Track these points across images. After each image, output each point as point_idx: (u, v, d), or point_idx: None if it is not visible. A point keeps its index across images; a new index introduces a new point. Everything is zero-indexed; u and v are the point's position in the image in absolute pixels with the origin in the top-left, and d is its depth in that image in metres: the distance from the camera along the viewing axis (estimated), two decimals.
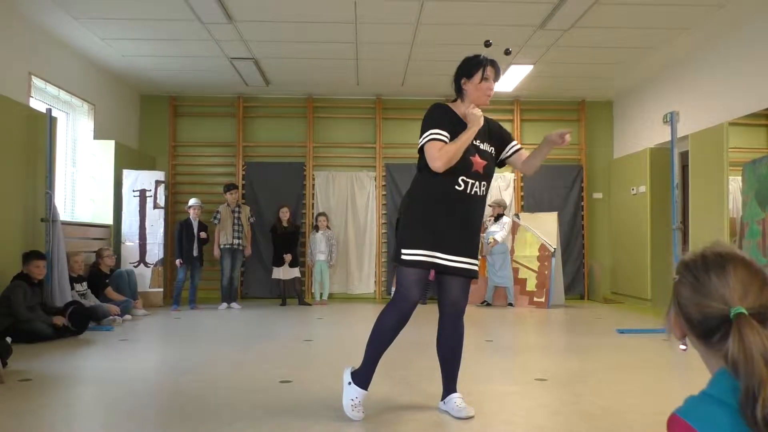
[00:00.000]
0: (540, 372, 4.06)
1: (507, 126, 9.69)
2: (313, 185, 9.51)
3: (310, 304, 8.48)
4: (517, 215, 8.83)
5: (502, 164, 3.21)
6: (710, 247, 1.13)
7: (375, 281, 9.44)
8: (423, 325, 6.46)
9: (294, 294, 8.60)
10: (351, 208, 9.50)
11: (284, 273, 8.47)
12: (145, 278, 7.96)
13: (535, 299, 8.22)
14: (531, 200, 9.50)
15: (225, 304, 8.05)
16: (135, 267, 7.91)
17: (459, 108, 3.05)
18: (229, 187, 8.37)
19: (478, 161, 2.94)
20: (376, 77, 8.59)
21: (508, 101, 9.61)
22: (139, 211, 8.09)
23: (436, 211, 2.93)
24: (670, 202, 6.22)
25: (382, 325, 3.01)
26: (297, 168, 9.50)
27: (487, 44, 3.16)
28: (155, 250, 8.09)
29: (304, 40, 7.08)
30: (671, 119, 6.04)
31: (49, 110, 6.25)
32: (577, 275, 9.49)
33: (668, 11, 6.15)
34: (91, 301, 6.54)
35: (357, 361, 3.14)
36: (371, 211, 9.48)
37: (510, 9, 6.12)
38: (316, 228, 8.80)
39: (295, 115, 9.62)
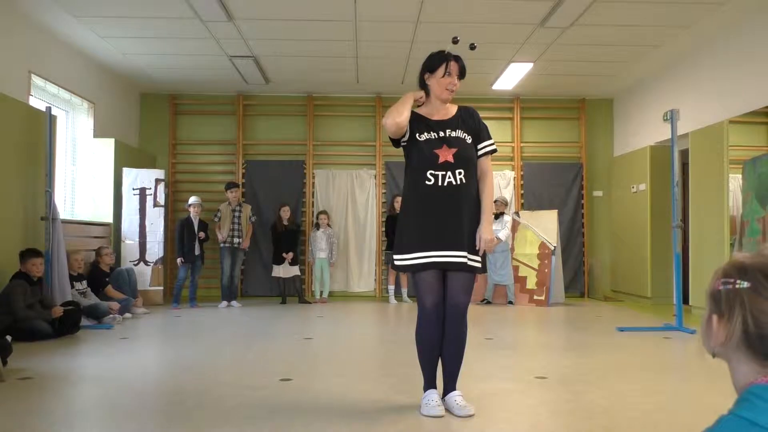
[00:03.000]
0: (540, 370, 4.06)
1: (506, 124, 9.72)
2: (314, 183, 9.51)
3: (310, 302, 8.48)
4: (517, 213, 8.83)
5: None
6: None
7: (375, 279, 9.44)
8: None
9: (294, 292, 8.60)
10: (351, 206, 9.50)
11: (284, 271, 8.47)
12: (145, 276, 7.97)
13: (535, 297, 8.22)
14: (531, 198, 9.50)
15: (225, 303, 8.05)
16: (135, 265, 7.91)
17: (426, 107, 3.12)
18: (230, 186, 8.37)
19: (445, 152, 2.93)
20: (376, 75, 8.58)
21: (509, 99, 9.60)
22: (139, 209, 8.08)
23: (415, 210, 2.96)
24: (671, 200, 6.21)
25: (418, 336, 3.06)
26: (297, 166, 9.50)
27: (455, 40, 3.17)
28: (155, 249, 8.09)
29: (303, 38, 7.08)
30: (671, 117, 6.04)
31: (49, 108, 6.24)
32: (577, 273, 9.49)
33: (668, 9, 6.14)
34: (91, 299, 6.54)
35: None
36: (371, 210, 9.48)
37: (510, 7, 6.11)
38: (317, 226, 8.80)
39: (295, 113, 9.62)
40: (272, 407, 3.11)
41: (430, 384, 3.07)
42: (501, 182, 9.51)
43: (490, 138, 3.13)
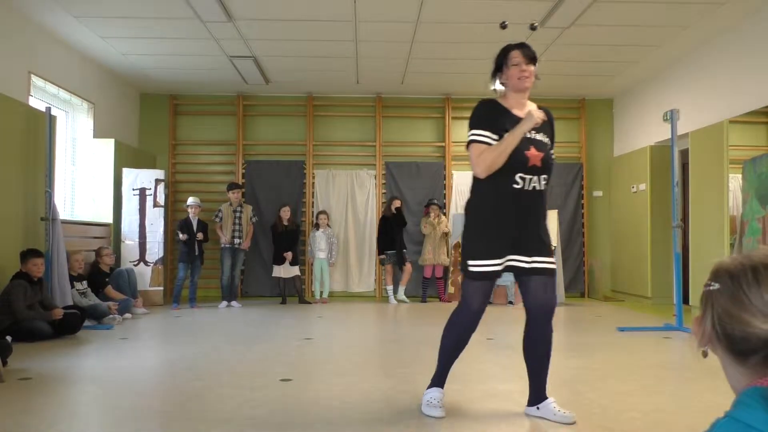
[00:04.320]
0: None
1: None
2: (313, 183, 9.50)
3: (310, 303, 8.48)
4: None
5: None
6: (759, 257, 1.00)
7: (375, 279, 9.44)
8: (424, 323, 6.48)
9: (294, 292, 8.60)
10: (351, 206, 9.50)
11: (285, 271, 8.47)
12: (145, 277, 7.97)
13: None
14: None
15: (225, 303, 8.05)
16: (135, 266, 7.91)
17: (506, 101, 2.93)
18: (232, 186, 8.37)
19: (534, 154, 2.76)
20: (375, 75, 8.58)
21: None
22: (139, 209, 8.08)
23: (497, 214, 2.80)
24: (671, 199, 6.21)
25: (452, 332, 2.98)
26: (297, 166, 9.50)
27: (503, 26, 3.09)
28: (155, 249, 8.09)
29: (303, 39, 7.08)
30: (671, 117, 6.04)
31: (49, 109, 6.24)
32: (578, 273, 9.49)
33: (668, 9, 6.14)
34: (91, 299, 6.54)
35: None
36: (371, 210, 9.48)
37: (510, 6, 6.11)
38: (317, 226, 8.80)
39: (295, 114, 9.62)
40: (272, 407, 3.11)
41: (439, 381, 3.04)
42: None
43: (553, 147, 3.00)
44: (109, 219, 7.96)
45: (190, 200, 8.23)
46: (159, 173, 8.34)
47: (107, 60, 7.92)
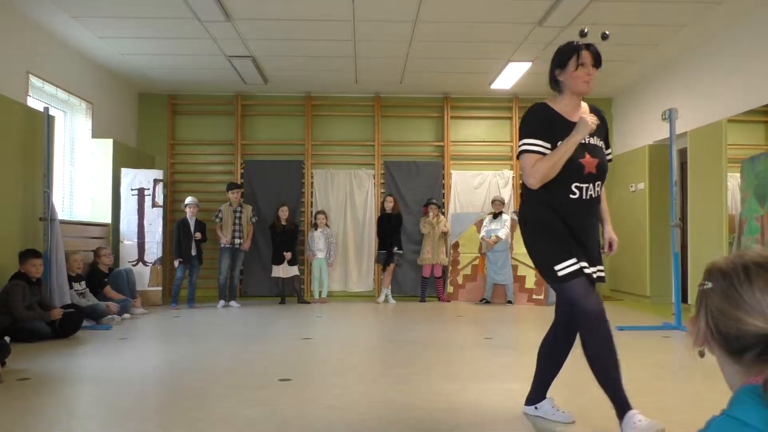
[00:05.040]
0: None
1: (505, 124, 9.72)
2: (312, 183, 9.50)
3: (309, 303, 8.48)
4: (515, 212, 8.83)
5: None
6: (752, 256, 1.02)
7: (374, 279, 9.44)
8: (423, 323, 6.48)
9: (293, 292, 8.60)
10: (350, 206, 9.50)
11: (284, 271, 8.47)
12: (143, 277, 7.96)
13: (534, 297, 8.22)
14: None
15: (223, 303, 8.05)
16: (134, 266, 7.90)
17: (560, 104, 2.77)
18: (232, 186, 8.36)
19: (589, 161, 2.64)
20: (374, 75, 8.58)
21: (507, 99, 9.60)
22: (138, 209, 8.08)
23: (554, 223, 2.66)
24: (669, 199, 6.21)
25: (596, 354, 2.65)
26: (296, 166, 9.49)
27: (583, 34, 2.94)
28: (154, 249, 8.08)
29: (302, 38, 7.07)
30: (670, 116, 6.04)
31: (47, 109, 6.24)
32: None
33: (666, 8, 6.15)
34: (90, 300, 6.54)
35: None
36: (370, 209, 9.48)
37: (508, 6, 6.11)
38: (315, 226, 8.80)
39: (294, 113, 9.61)
40: (271, 408, 3.11)
41: (623, 407, 2.62)
42: (499, 182, 9.52)
43: (610, 146, 2.87)
44: (107, 219, 7.95)
45: (188, 200, 8.22)
46: (157, 173, 8.33)
47: (105, 60, 7.91)
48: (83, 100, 7.78)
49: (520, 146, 2.72)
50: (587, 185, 2.65)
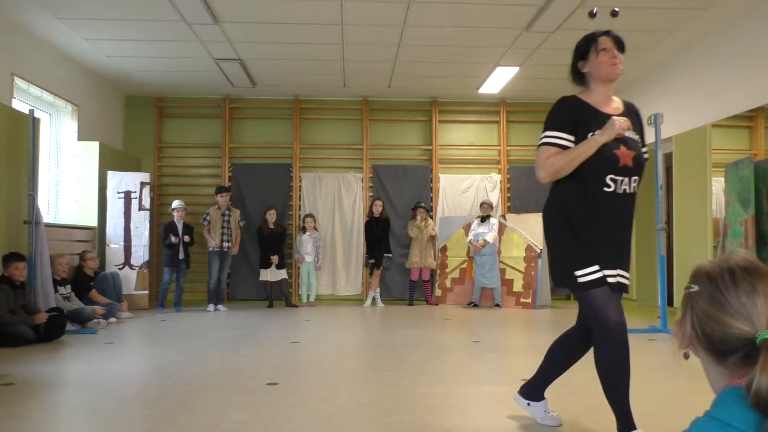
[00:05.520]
0: (526, 372, 4.06)
1: (493, 128, 9.77)
2: (300, 186, 9.49)
3: (297, 306, 8.46)
4: (503, 216, 8.87)
5: None
6: (737, 260, 1.03)
7: (362, 283, 9.43)
8: (411, 327, 6.48)
9: (281, 296, 8.57)
10: (338, 209, 9.49)
11: (271, 275, 8.44)
12: (130, 280, 7.90)
13: (522, 300, 8.26)
14: (517, 201, 9.55)
15: (212, 306, 8.00)
16: (120, 269, 7.85)
17: (590, 96, 2.61)
18: (221, 190, 8.33)
19: (624, 153, 2.46)
20: (362, 78, 8.59)
21: (495, 103, 9.65)
22: (124, 212, 8.02)
23: (585, 220, 2.49)
24: (655, 203, 6.27)
25: (607, 368, 2.50)
26: (284, 169, 9.47)
27: (592, 14, 2.83)
28: (140, 252, 8.03)
29: (290, 41, 7.07)
30: (655, 121, 6.10)
31: (32, 111, 6.18)
32: None
33: (653, 14, 6.21)
34: (75, 303, 6.48)
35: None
36: (358, 213, 9.48)
37: (496, 11, 6.15)
38: (303, 229, 8.78)
39: (282, 117, 9.60)
40: (259, 412, 3.10)
41: (630, 424, 2.48)
42: (487, 185, 9.56)
43: (645, 144, 2.67)
44: (93, 222, 7.88)
45: (175, 203, 8.17)
46: (144, 176, 8.28)
47: (92, 62, 7.86)
48: (69, 103, 7.72)
49: (540, 137, 2.57)
50: (623, 179, 2.46)
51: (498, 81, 8.52)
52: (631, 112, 2.64)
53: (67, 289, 6.53)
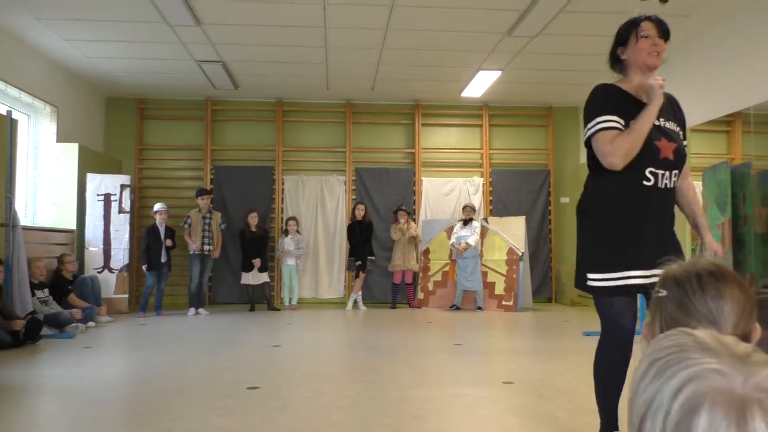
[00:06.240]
0: (507, 375, 4.09)
1: (475, 131, 9.81)
2: (283, 189, 9.45)
3: (279, 310, 8.42)
4: (485, 219, 8.91)
5: None
6: (704, 265, 1.03)
7: (345, 286, 9.42)
8: (394, 330, 6.48)
9: (263, 299, 8.53)
10: (321, 212, 9.47)
11: (253, 278, 8.40)
12: (109, 284, 7.81)
13: (504, 303, 8.30)
14: (499, 205, 9.60)
15: (193, 310, 7.94)
16: (99, 273, 7.75)
17: (628, 84, 2.48)
18: (202, 193, 8.27)
19: (665, 145, 2.32)
20: (345, 82, 8.59)
21: (477, 107, 9.70)
22: (104, 215, 7.94)
23: (623, 218, 2.34)
24: None
25: (605, 367, 2.45)
26: (266, 172, 9.44)
27: None
28: (120, 256, 7.94)
29: (273, 44, 7.05)
30: None
31: (10, 112, 6.09)
32: (545, 279, 9.62)
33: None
34: (53, 307, 6.39)
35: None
36: (341, 216, 9.46)
37: (478, 16, 6.18)
38: (286, 232, 8.75)
39: (265, 119, 9.56)
40: (239, 416, 3.08)
41: (613, 425, 2.43)
42: (470, 189, 9.60)
43: (686, 137, 2.52)
44: (72, 225, 7.79)
45: (157, 206, 8.10)
46: (125, 178, 8.20)
47: (71, 63, 7.77)
48: (48, 104, 7.62)
49: (590, 128, 2.38)
50: (664, 172, 2.32)
51: (480, 85, 8.57)
52: (671, 102, 2.50)
53: (45, 293, 6.44)
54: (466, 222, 8.57)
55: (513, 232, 8.47)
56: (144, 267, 7.86)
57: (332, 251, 9.44)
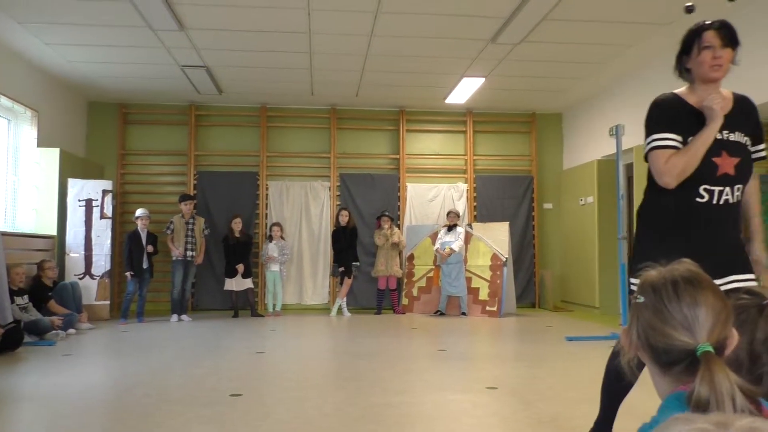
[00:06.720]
0: (491, 380, 4.10)
1: (459, 138, 9.86)
2: (267, 195, 9.42)
3: (263, 316, 8.37)
4: (469, 225, 8.94)
5: None
6: (681, 271, 1.05)
7: (329, 292, 9.39)
8: (378, 336, 6.48)
9: (246, 305, 8.47)
10: (305, 218, 9.45)
11: (237, 284, 8.35)
12: (90, 291, 7.72)
13: (488, 308, 8.33)
14: (483, 210, 9.64)
15: (175, 317, 7.87)
16: (80, 279, 7.66)
17: (691, 95, 2.36)
18: (185, 198, 8.22)
19: (725, 161, 2.24)
20: (330, 87, 8.59)
21: (461, 113, 9.75)
22: (85, 221, 7.85)
23: (672, 233, 2.30)
24: (616, 212, 6.40)
25: (610, 384, 2.50)
26: (250, 177, 9.40)
27: (689, 9, 2.63)
28: (102, 262, 7.85)
29: (257, 49, 7.03)
30: (617, 132, 6.24)
31: None
32: (529, 284, 9.67)
33: (614, 29, 6.37)
34: (33, 314, 6.29)
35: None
36: (325, 221, 9.45)
37: (462, 23, 6.22)
38: (270, 238, 8.71)
39: (249, 124, 9.53)
40: (222, 424, 3.05)
41: (608, 426, 2.51)
42: (454, 195, 9.63)
43: (763, 140, 2.40)
44: (52, 231, 7.69)
45: (139, 212, 8.03)
46: (106, 184, 8.12)
47: (52, 67, 7.69)
48: (28, 108, 7.53)
49: (647, 144, 2.34)
50: (721, 188, 2.24)
51: (464, 91, 8.62)
52: (741, 108, 2.37)
53: (25, 300, 6.35)
54: (451, 228, 8.60)
55: (497, 237, 8.51)
56: (129, 274, 7.77)
57: (316, 257, 9.41)
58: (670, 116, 2.32)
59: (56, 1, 5.75)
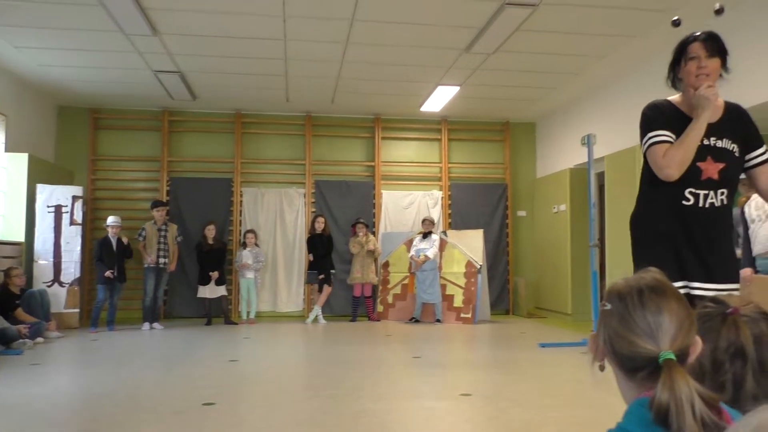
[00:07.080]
0: (465, 387, 4.12)
1: (434, 146, 9.92)
2: (241, 201, 9.35)
3: (236, 323, 8.29)
4: (444, 232, 8.99)
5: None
6: (647, 280, 1.08)
7: (303, 299, 9.35)
8: (353, 343, 6.46)
9: (220, 313, 8.39)
10: (280, 224, 9.40)
11: (210, 291, 8.26)
12: (59, 298, 7.56)
13: (462, 315, 8.37)
14: (458, 218, 9.70)
15: (147, 325, 7.75)
16: (49, 286, 7.50)
17: (683, 104, 2.48)
18: (157, 204, 8.12)
19: (710, 166, 2.33)
20: (305, 94, 8.58)
21: (436, 121, 9.82)
22: (54, 227, 7.70)
23: (665, 234, 2.41)
24: (588, 220, 6.50)
25: None
26: (224, 184, 9.32)
27: (676, 23, 2.73)
28: (71, 269, 7.71)
29: (232, 55, 6.99)
30: (588, 141, 6.35)
31: None
32: (503, 291, 9.74)
33: (586, 39, 6.48)
34: None
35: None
36: (300, 228, 9.41)
37: (437, 32, 6.27)
38: (244, 245, 8.65)
39: (223, 131, 9.47)
40: None
41: None
42: (429, 202, 9.68)
43: (763, 144, 2.45)
44: (20, 237, 7.52)
45: (110, 220, 7.91)
46: (77, 190, 7.98)
47: (21, 70, 7.55)
48: None
49: (645, 143, 2.43)
50: (706, 192, 2.33)
51: (439, 100, 8.68)
52: (731, 116, 2.45)
53: None
54: (426, 235, 8.63)
55: (471, 245, 8.57)
56: (109, 273, 7.57)
57: (291, 264, 9.36)
58: (665, 117, 2.43)
59: (26, 3, 5.66)
